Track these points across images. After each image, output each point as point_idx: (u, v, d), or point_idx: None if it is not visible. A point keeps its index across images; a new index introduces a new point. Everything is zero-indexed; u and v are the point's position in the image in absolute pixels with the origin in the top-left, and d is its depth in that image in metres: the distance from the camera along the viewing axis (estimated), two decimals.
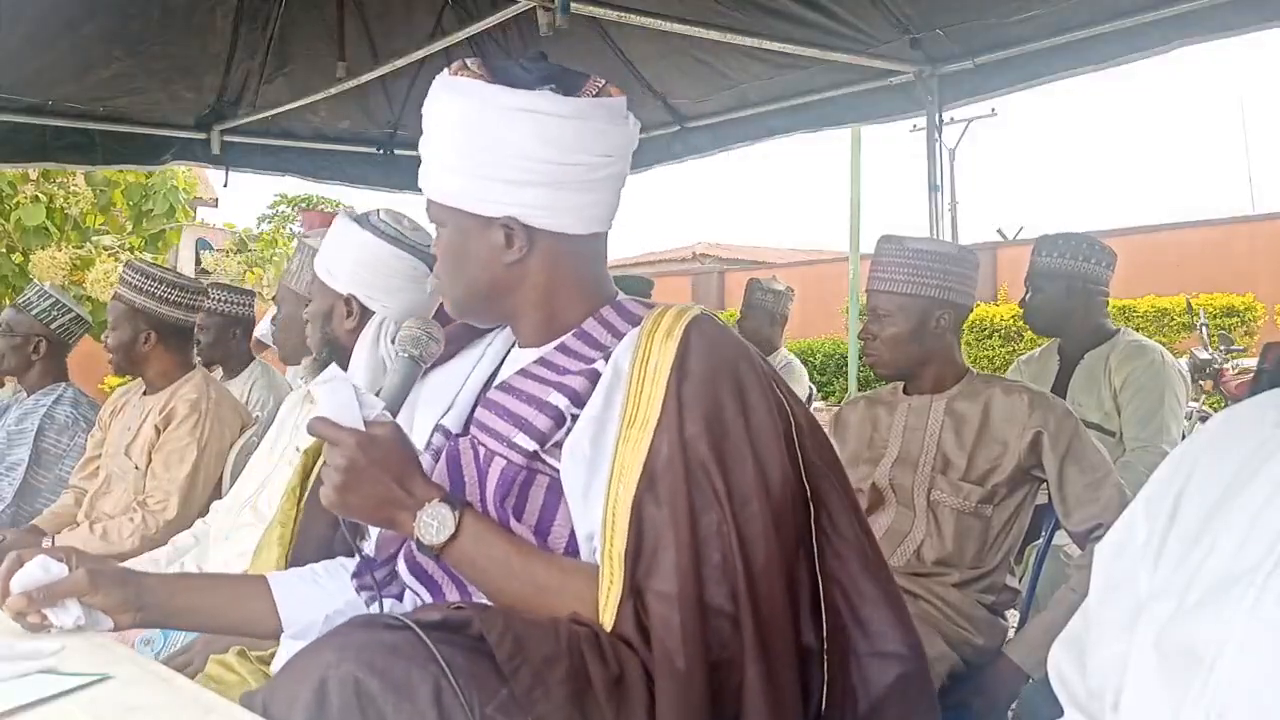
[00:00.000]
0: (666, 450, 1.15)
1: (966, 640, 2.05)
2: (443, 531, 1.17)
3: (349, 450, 1.17)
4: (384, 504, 1.18)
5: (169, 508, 2.67)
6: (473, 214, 1.28)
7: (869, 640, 1.21)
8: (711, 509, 1.13)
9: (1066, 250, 3.04)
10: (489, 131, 1.24)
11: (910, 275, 2.16)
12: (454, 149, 1.27)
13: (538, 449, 1.22)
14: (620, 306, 1.34)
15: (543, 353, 1.32)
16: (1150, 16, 3.23)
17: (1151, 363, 2.99)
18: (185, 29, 3.99)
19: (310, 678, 0.99)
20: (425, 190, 1.32)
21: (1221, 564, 0.76)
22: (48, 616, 1.22)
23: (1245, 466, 0.79)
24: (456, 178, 1.28)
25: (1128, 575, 0.85)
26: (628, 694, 1.09)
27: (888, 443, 2.21)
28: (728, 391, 1.19)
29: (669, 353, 1.19)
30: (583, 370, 1.26)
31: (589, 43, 4.11)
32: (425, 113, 1.30)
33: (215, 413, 2.81)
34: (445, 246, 1.33)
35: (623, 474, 1.15)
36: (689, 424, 1.16)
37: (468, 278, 1.32)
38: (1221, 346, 7.68)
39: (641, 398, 1.18)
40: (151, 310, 2.86)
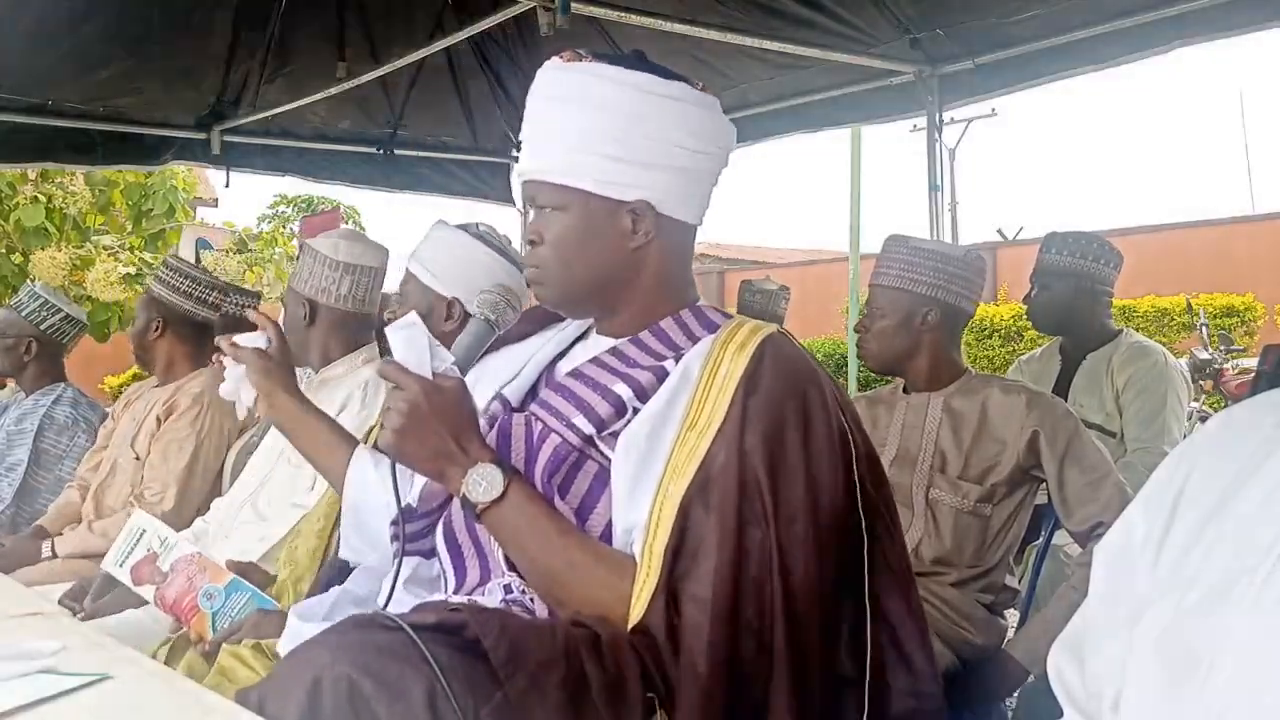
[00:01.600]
0: (723, 458, 1.16)
1: (965, 640, 2.05)
2: (490, 491, 1.19)
3: (413, 395, 1.20)
4: (438, 455, 1.21)
5: (166, 499, 2.67)
6: (602, 197, 1.29)
7: (911, 678, 1.24)
8: (758, 524, 1.14)
9: (1075, 249, 3.03)
10: (627, 113, 1.27)
11: (903, 270, 2.19)
12: (585, 130, 1.27)
13: (594, 434, 1.25)
14: (699, 311, 1.37)
15: (618, 343, 1.35)
16: (1150, 16, 3.22)
17: (1154, 364, 2.98)
18: (185, 29, 3.99)
19: (304, 678, 0.99)
20: (537, 172, 1.32)
21: (1221, 564, 0.75)
22: None
23: (1245, 467, 0.79)
24: (588, 158, 1.28)
25: (1127, 575, 0.85)
26: (625, 698, 1.09)
27: (886, 441, 2.22)
28: (792, 410, 1.20)
29: (740, 364, 1.21)
30: (651, 366, 1.29)
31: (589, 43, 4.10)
32: (538, 97, 1.32)
33: (217, 406, 2.81)
34: (565, 230, 1.30)
35: (675, 474, 1.17)
36: (749, 436, 1.17)
37: (588, 263, 1.31)
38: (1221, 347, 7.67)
39: (706, 403, 1.20)
40: (164, 299, 2.90)
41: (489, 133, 5.07)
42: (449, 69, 4.69)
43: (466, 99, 4.85)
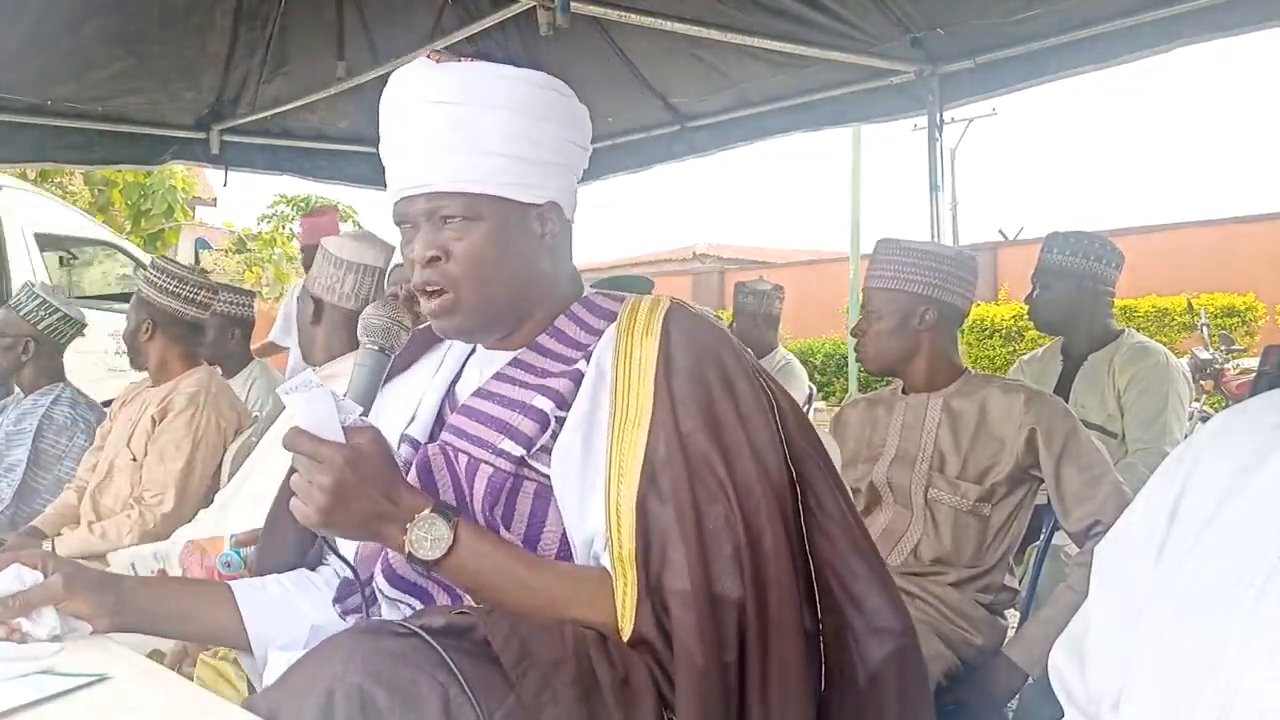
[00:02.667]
0: (664, 447, 1.14)
1: (965, 640, 2.04)
2: (438, 546, 1.12)
3: (336, 469, 1.09)
4: (372, 518, 1.12)
5: (165, 501, 2.67)
6: (517, 202, 1.23)
7: (865, 617, 1.20)
8: (718, 501, 1.12)
9: (1078, 249, 3.03)
10: (531, 112, 1.22)
11: (897, 271, 2.19)
12: (496, 133, 1.20)
13: (524, 454, 1.19)
14: (589, 303, 1.32)
15: (516, 354, 1.29)
16: (1150, 16, 3.23)
17: (1156, 364, 2.98)
18: (185, 29, 3.99)
19: (316, 688, 0.97)
20: (441, 182, 1.21)
21: (1221, 565, 0.75)
22: (22, 627, 1.17)
23: (1245, 467, 0.79)
24: (499, 161, 1.21)
25: (1127, 576, 0.85)
26: (635, 695, 1.08)
27: (885, 441, 2.21)
28: (715, 381, 1.19)
29: (651, 348, 1.19)
30: (564, 371, 1.24)
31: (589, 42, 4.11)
32: (416, 99, 1.22)
33: (213, 405, 2.81)
34: (482, 242, 1.22)
35: (621, 473, 1.14)
36: (684, 419, 1.15)
37: (508, 275, 1.24)
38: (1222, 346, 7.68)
39: (630, 396, 1.17)
40: (153, 300, 2.90)
41: None
42: None
43: None
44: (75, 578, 1.22)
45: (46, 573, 1.22)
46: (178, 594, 1.36)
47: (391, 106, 1.25)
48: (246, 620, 1.30)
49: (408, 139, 1.23)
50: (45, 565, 1.23)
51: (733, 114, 4.58)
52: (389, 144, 1.26)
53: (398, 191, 1.25)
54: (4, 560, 1.22)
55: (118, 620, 1.24)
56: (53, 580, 1.20)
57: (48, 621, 1.19)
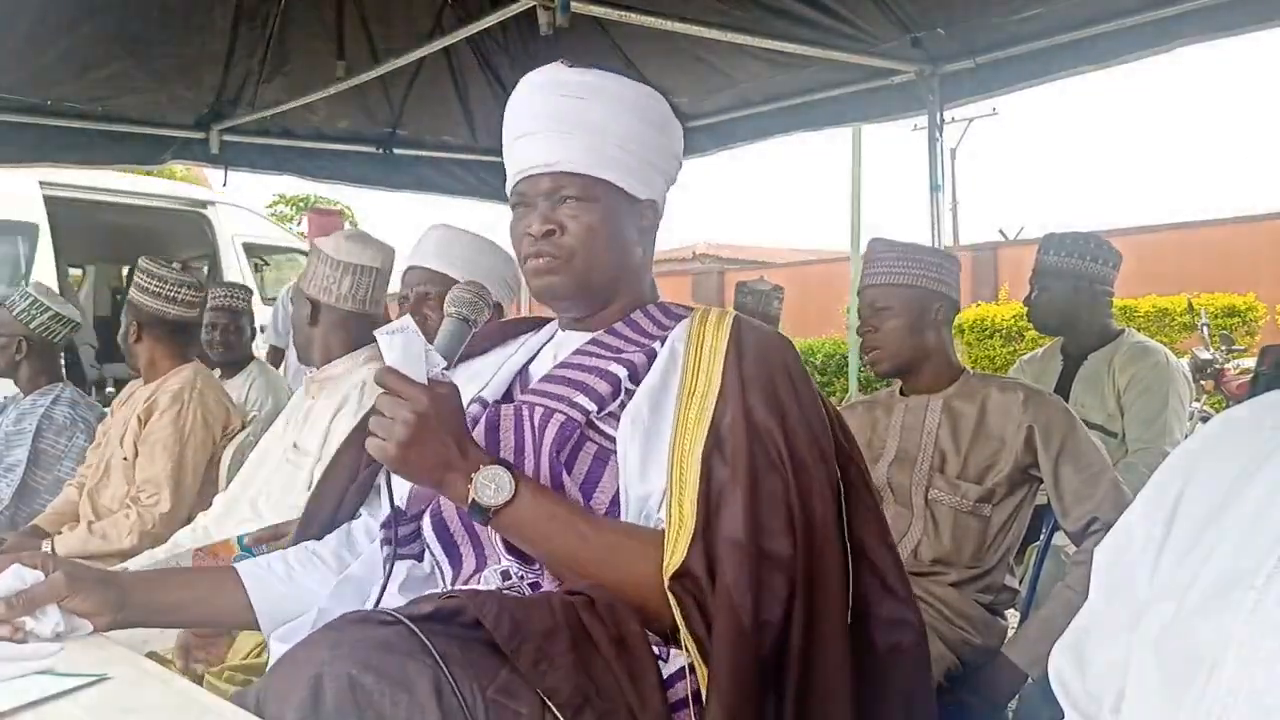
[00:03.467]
0: (730, 416, 1.22)
1: (965, 640, 2.04)
2: (501, 493, 1.17)
3: (420, 406, 1.16)
4: (441, 464, 1.18)
5: (161, 500, 2.67)
6: (627, 193, 1.36)
7: (894, 605, 1.28)
8: (775, 471, 1.19)
9: (1074, 249, 3.04)
10: (646, 118, 1.38)
11: (907, 267, 2.18)
12: (612, 127, 1.34)
13: (594, 413, 1.27)
14: (663, 306, 1.44)
15: (595, 336, 1.39)
16: (1150, 16, 3.22)
17: (1156, 364, 2.98)
18: (184, 28, 3.99)
19: (304, 676, 0.98)
20: (562, 164, 1.33)
21: (1221, 566, 0.75)
22: (25, 625, 1.18)
23: (1245, 469, 0.79)
24: (616, 153, 1.34)
25: (1127, 577, 0.84)
26: (633, 651, 1.12)
27: (885, 443, 2.21)
28: (779, 372, 1.28)
29: (722, 337, 1.29)
30: (641, 348, 1.34)
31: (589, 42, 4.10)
32: (549, 91, 1.35)
33: (199, 401, 2.82)
34: (596, 220, 1.34)
35: (687, 435, 1.21)
36: (750, 395, 1.23)
37: (612, 254, 1.36)
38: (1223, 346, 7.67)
39: (699, 373, 1.27)
40: (137, 302, 2.92)
41: (488, 132, 5.06)
42: (448, 68, 4.68)
43: (466, 98, 4.85)
44: (77, 575, 1.23)
45: (47, 572, 1.23)
46: (181, 582, 1.40)
47: (523, 98, 1.38)
48: (253, 600, 1.35)
49: (537, 125, 1.35)
50: (45, 565, 1.24)
51: (733, 114, 4.58)
52: (517, 130, 1.38)
53: (521, 172, 1.36)
54: (3, 561, 1.22)
55: (121, 616, 1.25)
56: (55, 578, 1.21)
57: (51, 619, 1.19)
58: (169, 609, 1.33)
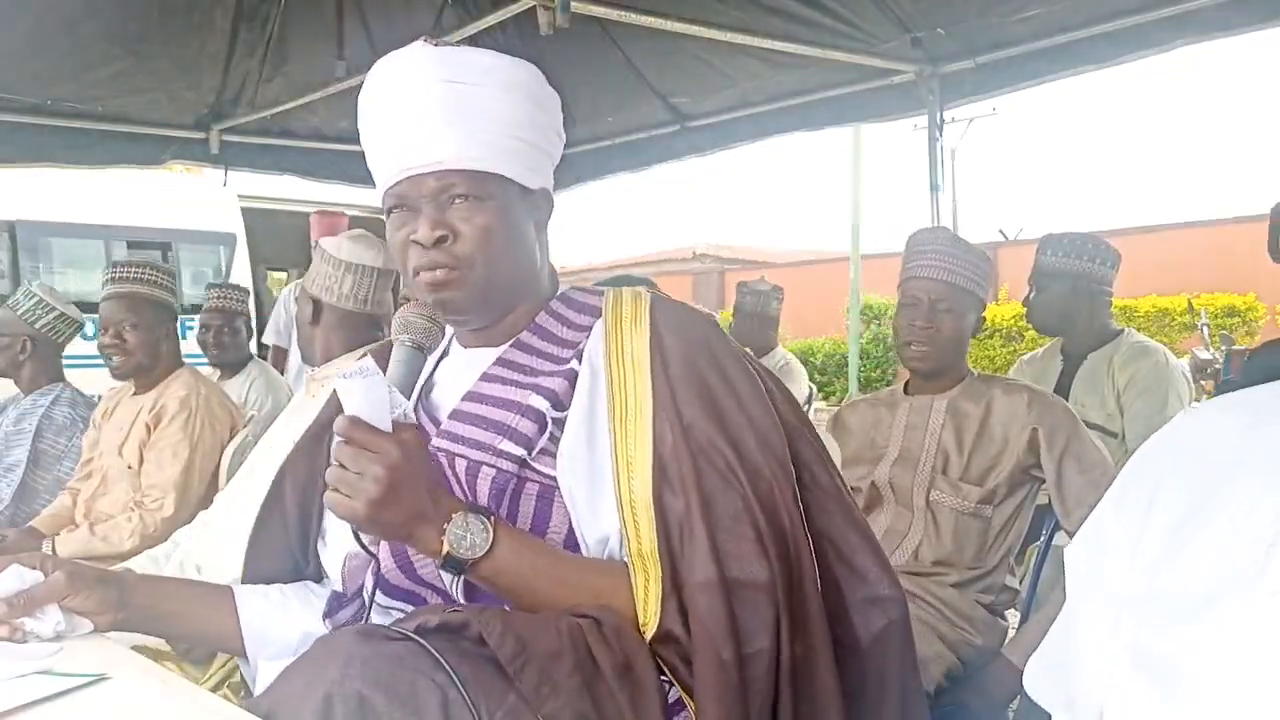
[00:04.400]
0: (670, 437, 1.13)
1: (965, 640, 2.04)
2: (478, 545, 1.09)
3: (393, 459, 1.05)
4: (413, 519, 1.08)
5: (165, 506, 2.67)
6: (520, 185, 1.23)
7: (867, 586, 1.20)
8: (731, 487, 1.12)
9: (1071, 250, 3.04)
10: (535, 99, 1.23)
11: (969, 270, 2.16)
12: (502, 115, 1.20)
13: (526, 455, 1.17)
14: (569, 299, 1.31)
15: (499, 353, 1.26)
16: (1150, 16, 3.22)
17: (1156, 364, 2.98)
18: (184, 28, 3.99)
19: (314, 695, 0.96)
20: (453, 160, 1.18)
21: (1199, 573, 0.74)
22: (25, 626, 1.17)
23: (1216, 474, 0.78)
24: (509, 143, 1.20)
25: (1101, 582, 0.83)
26: (639, 679, 1.07)
27: (888, 442, 2.21)
28: (709, 368, 1.19)
29: (642, 341, 1.19)
30: (557, 370, 1.22)
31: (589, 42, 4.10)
32: (426, 77, 1.20)
33: (205, 408, 2.82)
34: (492, 221, 1.20)
35: (630, 469, 1.13)
36: (685, 408, 1.15)
37: (512, 256, 1.23)
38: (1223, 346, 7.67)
39: (627, 389, 1.17)
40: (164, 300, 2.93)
41: None
42: None
43: None
44: (77, 574, 1.22)
45: (46, 573, 1.22)
46: (178, 593, 1.35)
47: (388, 87, 1.22)
48: (244, 626, 1.30)
49: (412, 118, 1.19)
50: (45, 565, 1.23)
51: (733, 114, 4.58)
52: (385, 126, 1.22)
53: (400, 172, 1.20)
54: (2, 563, 1.22)
55: (119, 617, 1.24)
56: (55, 577, 1.20)
57: (51, 619, 1.19)
58: (164, 617, 1.30)
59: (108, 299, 2.84)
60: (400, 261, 1.24)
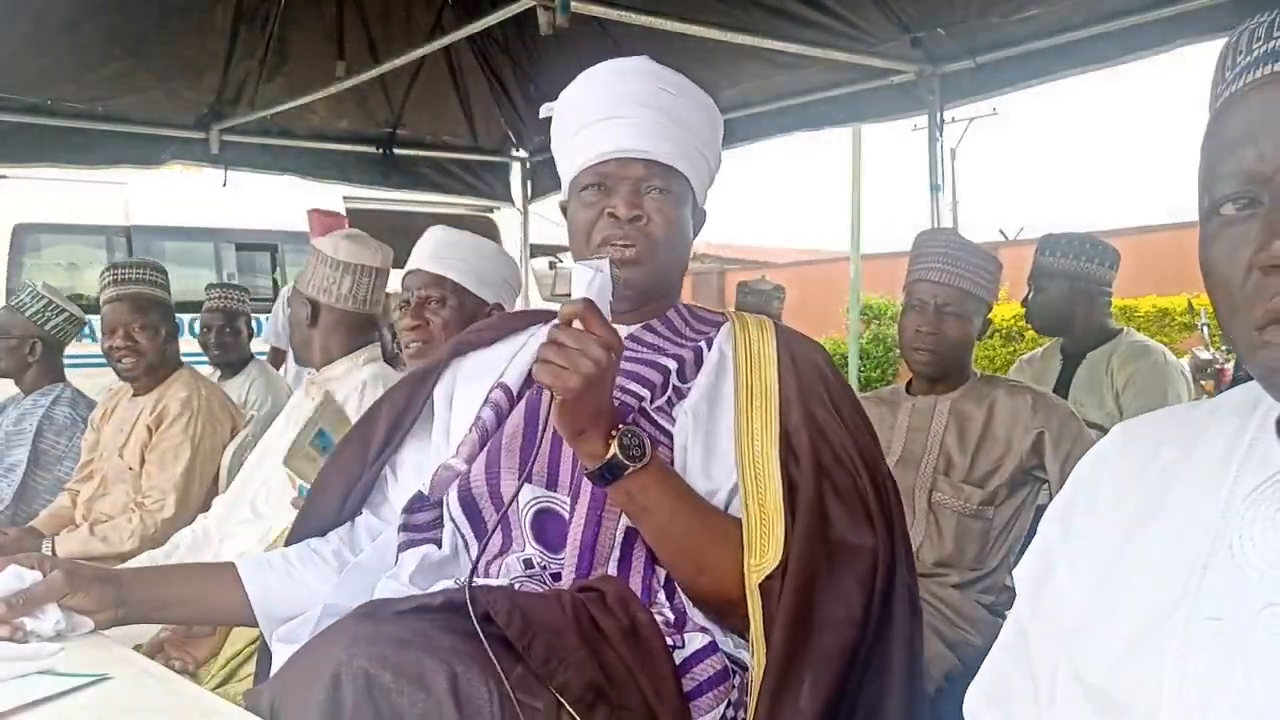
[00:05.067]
0: (796, 416, 1.25)
1: (965, 641, 2.04)
2: (640, 454, 1.16)
3: (616, 348, 1.12)
4: (596, 414, 1.14)
5: (166, 507, 2.67)
6: (694, 193, 1.39)
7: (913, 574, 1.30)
8: (842, 467, 1.23)
9: (1070, 250, 3.04)
10: (714, 121, 1.42)
11: (976, 273, 2.18)
12: (694, 126, 1.37)
13: (645, 401, 1.27)
14: (689, 308, 1.45)
15: (632, 330, 1.37)
16: (1150, 16, 3.22)
17: (1155, 363, 2.98)
18: (184, 28, 3.99)
19: (322, 676, 0.97)
20: (654, 153, 1.32)
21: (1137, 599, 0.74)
22: (26, 625, 1.18)
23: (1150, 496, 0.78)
24: (695, 152, 1.37)
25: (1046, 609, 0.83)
26: (645, 641, 1.11)
27: (890, 442, 2.21)
28: (828, 376, 1.33)
29: (769, 342, 1.33)
30: (687, 345, 1.35)
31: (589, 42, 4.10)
32: (645, 79, 1.36)
33: (207, 410, 2.82)
34: (677, 214, 1.35)
35: (755, 438, 1.23)
36: (809, 400, 1.27)
37: (682, 255, 1.38)
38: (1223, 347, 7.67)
39: (754, 378, 1.29)
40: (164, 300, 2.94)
41: (488, 132, 5.06)
42: (448, 68, 4.68)
43: (466, 98, 4.85)
44: (76, 573, 1.23)
45: (45, 573, 1.23)
46: (180, 579, 1.39)
47: (609, 81, 1.37)
48: (252, 598, 1.34)
49: (631, 109, 1.33)
50: (43, 565, 1.24)
51: (733, 114, 4.57)
52: (602, 110, 1.34)
53: (610, 152, 1.32)
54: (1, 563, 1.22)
55: (121, 613, 1.26)
56: (54, 576, 1.21)
57: (51, 618, 1.19)
58: (169, 605, 1.33)
59: (111, 301, 2.83)
60: (584, 233, 1.34)
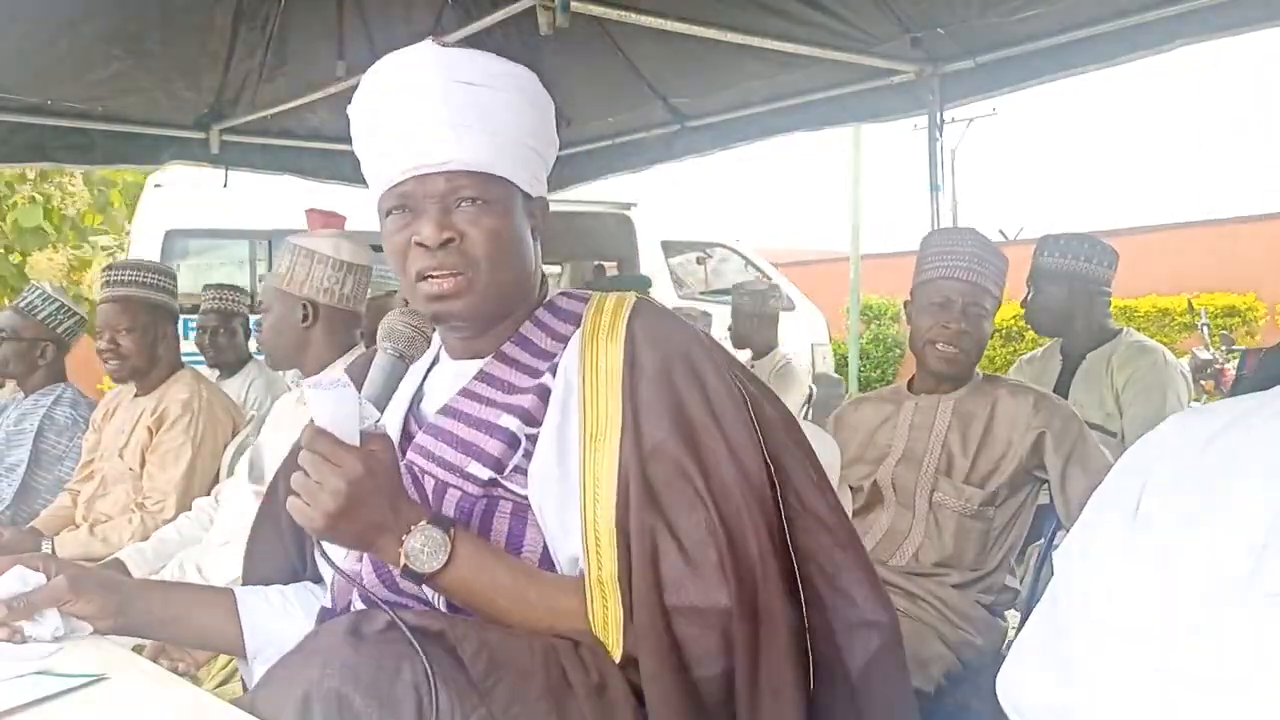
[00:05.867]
0: (636, 461, 1.10)
1: (965, 641, 2.04)
2: (437, 557, 1.08)
3: (353, 474, 1.05)
4: (371, 529, 1.08)
5: (166, 508, 2.66)
6: (524, 192, 1.21)
7: (855, 610, 1.16)
8: (696, 509, 1.09)
9: (1068, 251, 3.04)
10: (538, 104, 1.21)
11: (994, 272, 2.19)
12: (509, 119, 1.18)
13: (493, 476, 1.16)
14: (555, 307, 1.28)
15: (481, 365, 1.24)
16: (1150, 16, 3.23)
17: (1154, 363, 2.98)
18: (184, 28, 3.99)
19: (294, 693, 0.97)
20: (464, 162, 1.16)
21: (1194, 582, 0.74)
22: (24, 630, 1.17)
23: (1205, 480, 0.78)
24: (516, 149, 1.19)
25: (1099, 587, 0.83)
26: (612, 702, 1.06)
27: (892, 442, 2.21)
28: (686, 382, 1.15)
29: (616, 355, 1.15)
30: (531, 386, 1.20)
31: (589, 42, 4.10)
32: (442, 76, 1.17)
33: (208, 411, 2.81)
34: (499, 227, 1.17)
35: (596, 492, 1.11)
36: (654, 428, 1.11)
37: (515, 263, 1.20)
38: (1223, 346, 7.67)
39: (599, 407, 1.14)
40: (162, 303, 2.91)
41: None
42: None
43: None
44: (79, 579, 1.22)
45: (49, 575, 1.22)
46: (179, 598, 1.34)
47: (393, 85, 1.19)
48: (245, 630, 1.30)
49: (420, 116, 1.16)
50: (47, 567, 1.23)
51: (733, 114, 4.58)
52: (389, 123, 1.18)
53: (405, 171, 1.17)
54: (5, 563, 1.22)
55: (120, 622, 1.24)
56: (57, 582, 1.20)
57: (50, 623, 1.19)
58: (166, 623, 1.29)
59: (103, 303, 2.82)
60: (399, 265, 1.20)
